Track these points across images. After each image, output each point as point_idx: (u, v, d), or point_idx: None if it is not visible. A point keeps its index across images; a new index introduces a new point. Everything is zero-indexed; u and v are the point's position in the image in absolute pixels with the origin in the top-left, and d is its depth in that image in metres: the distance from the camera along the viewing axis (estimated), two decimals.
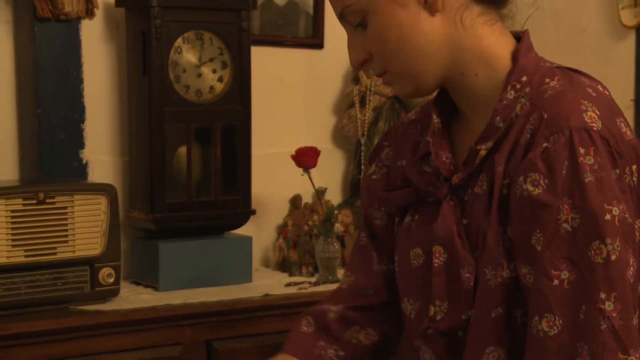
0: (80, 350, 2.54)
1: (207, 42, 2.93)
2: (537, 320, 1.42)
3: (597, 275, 1.39)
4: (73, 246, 2.64)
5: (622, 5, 3.03)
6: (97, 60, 3.02)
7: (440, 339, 1.58)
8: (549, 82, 1.51)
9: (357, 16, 1.54)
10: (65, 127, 2.96)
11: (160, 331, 2.65)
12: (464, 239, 1.54)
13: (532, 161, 1.44)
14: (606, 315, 1.38)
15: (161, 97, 2.85)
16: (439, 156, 1.59)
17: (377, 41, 1.55)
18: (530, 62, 1.55)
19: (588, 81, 1.53)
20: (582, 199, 1.41)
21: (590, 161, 1.41)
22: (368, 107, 3.28)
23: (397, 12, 1.52)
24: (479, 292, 1.51)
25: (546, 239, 1.42)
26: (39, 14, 2.86)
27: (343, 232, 3.16)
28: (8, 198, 2.55)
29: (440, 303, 1.55)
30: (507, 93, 1.53)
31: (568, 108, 1.46)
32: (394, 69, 1.57)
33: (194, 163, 2.95)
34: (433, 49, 1.54)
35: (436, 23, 1.53)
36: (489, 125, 1.53)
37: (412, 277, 1.63)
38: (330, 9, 3.48)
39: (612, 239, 1.39)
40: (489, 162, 1.52)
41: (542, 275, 1.42)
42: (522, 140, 1.48)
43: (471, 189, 1.55)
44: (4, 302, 2.54)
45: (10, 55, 2.99)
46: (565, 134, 1.43)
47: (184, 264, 2.88)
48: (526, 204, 1.44)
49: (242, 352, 2.73)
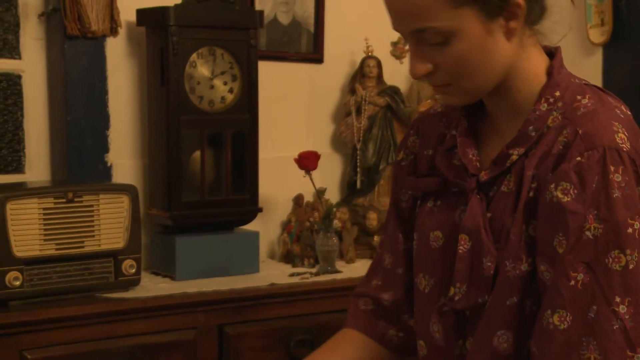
0: (105, 333, 2.54)
1: (219, 57, 2.93)
2: (550, 313, 1.42)
3: (614, 281, 1.40)
4: (99, 240, 2.64)
5: (590, 24, 3.06)
6: (121, 73, 3.01)
7: (450, 316, 1.58)
8: (581, 99, 1.51)
9: (438, 36, 1.49)
10: (92, 133, 2.96)
11: (176, 317, 2.65)
12: (488, 231, 1.54)
13: (566, 171, 1.44)
14: (619, 316, 1.39)
15: (178, 106, 2.86)
16: (466, 154, 1.59)
17: (458, 61, 1.51)
18: (563, 78, 1.54)
19: (615, 102, 1.54)
20: (609, 212, 1.41)
21: (618, 178, 1.42)
22: (363, 116, 3.27)
23: (483, 38, 1.49)
24: (498, 281, 1.51)
25: (569, 243, 1.42)
26: (68, 32, 2.85)
27: (341, 227, 3.15)
28: (41, 197, 2.55)
29: (460, 286, 1.55)
30: (541, 105, 1.52)
31: (602, 127, 1.46)
32: (463, 84, 1.55)
33: (207, 166, 2.95)
34: (501, 68, 1.53)
35: (509, 47, 1.52)
36: (522, 132, 1.52)
37: (430, 257, 1.63)
38: (329, 28, 3.51)
39: (631, 250, 1.40)
40: (517, 166, 1.53)
41: (561, 275, 1.42)
42: (554, 150, 1.48)
43: (497, 187, 1.55)
44: (37, 291, 2.54)
45: (43, 69, 2.99)
46: (599, 152, 1.43)
47: (198, 257, 2.88)
48: (555, 209, 1.44)
49: (251, 335, 2.72)
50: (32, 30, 2.96)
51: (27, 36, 2.96)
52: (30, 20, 2.96)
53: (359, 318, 1.79)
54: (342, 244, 3.13)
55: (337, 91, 3.39)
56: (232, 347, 2.69)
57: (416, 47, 1.53)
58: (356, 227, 3.24)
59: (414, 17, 1.48)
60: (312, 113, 3.37)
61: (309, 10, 3.32)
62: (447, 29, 1.48)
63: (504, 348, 1.50)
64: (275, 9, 3.27)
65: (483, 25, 1.48)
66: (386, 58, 3.28)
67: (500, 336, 1.50)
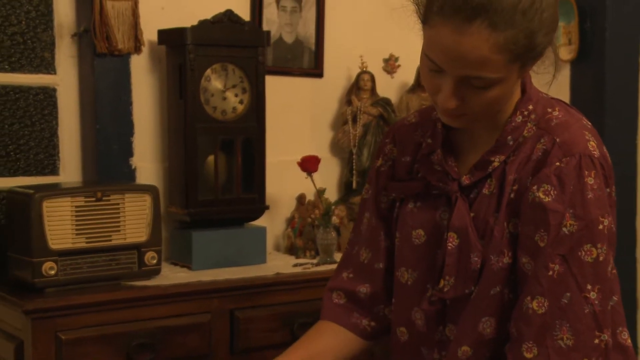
0: (129, 317, 2.54)
1: (231, 72, 2.93)
2: (529, 300, 1.43)
3: (585, 271, 1.42)
4: (124, 234, 2.63)
5: (559, 43, 3.04)
6: (143, 87, 3.01)
7: (435, 305, 1.58)
8: (551, 111, 1.51)
9: (484, 82, 1.41)
10: (118, 139, 2.96)
11: (193, 302, 2.64)
12: (473, 229, 1.53)
13: (547, 175, 1.45)
14: (590, 302, 1.41)
15: (194, 116, 2.86)
16: (446, 161, 1.58)
17: (491, 103, 1.46)
18: (534, 93, 1.54)
19: (578, 114, 1.55)
20: (583, 211, 1.43)
21: (591, 181, 1.44)
22: (358, 124, 3.27)
23: (515, 84, 1.47)
24: (484, 273, 1.51)
25: (550, 238, 1.43)
26: (98, 50, 2.85)
27: (338, 223, 3.15)
28: (73, 196, 2.55)
29: (449, 278, 1.54)
30: (516, 117, 1.51)
31: (576, 137, 1.47)
32: (477, 116, 1.49)
33: (220, 168, 2.94)
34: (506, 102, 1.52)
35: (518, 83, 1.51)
36: (500, 142, 1.51)
37: (413, 253, 1.62)
38: (328, 46, 3.53)
39: (601, 244, 1.43)
40: (498, 171, 1.52)
41: (542, 266, 1.43)
42: (534, 157, 1.48)
43: (478, 190, 1.54)
44: (70, 279, 2.54)
45: (75, 83, 2.97)
46: (576, 158, 1.44)
47: (212, 249, 2.88)
48: (537, 208, 1.45)
49: (259, 319, 2.71)
50: (65, 49, 2.95)
51: (62, 54, 2.95)
52: (64, 39, 2.95)
53: (333, 310, 1.75)
54: (339, 237, 3.12)
55: (335, 102, 3.39)
56: (242, 329, 2.68)
57: (457, 85, 1.44)
58: (352, 223, 3.15)
59: (472, 65, 1.39)
60: (313, 121, 3.36)
61: (310, 31, 3.31)
62: (496, 79, 1.41)
63: (487, 333, 1.51)
64: (281, 30, 3.25)
65: (518, 74, 1.45)
66: (379, 73, 3.29)
67: (484, 322, 1.51)
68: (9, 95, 2.89)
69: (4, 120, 2.88)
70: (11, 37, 2.88)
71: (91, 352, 2.46)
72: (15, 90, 2.90)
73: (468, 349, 1.52)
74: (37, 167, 2.94)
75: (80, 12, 2.93)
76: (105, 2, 2.83)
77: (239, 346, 2.68)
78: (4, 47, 2.87)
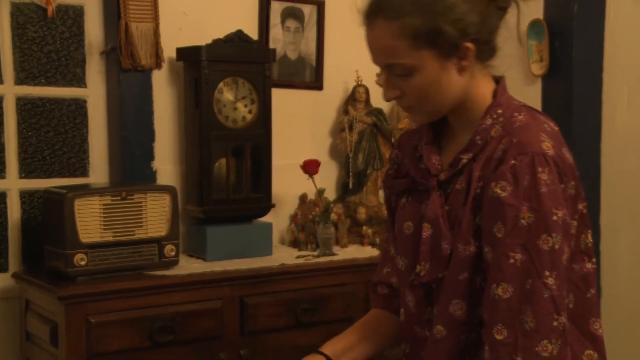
0: (151, 303, 2.54)
1: (241, 85, 2.92)
2: (495, 286, 1.41)
3: (543, 258, 1.39)
4: (146, 229, 2.63)
5: (532, 60, 3.03)
6: (163, 98, 3.01)
7: (420, 288, 1.57)
8: (517, 115, 1.49)
9: (404, 70, 1.49)
10: (141, 145, 2.97)
11: (206, 290, 2.63)
12: (445, 220, 1.52)
13: (503, 172, 1.43)
14: (548, 287, 1.39)
15: (208, 124, 2.85)
16: (430, 159, 1.57)
17: (419, 89, 1.50)
18: (505, 100, 1.53)
19: (545, 119, 1.52)
20: (538, 204, 1.40)
21: (545, 177, 1.41)
22: (354, 131, 3.25)
23: (439, 73, 1.49)
24: (452, 260, 1.50)
25: (507, 229, 1.41)
26: (123, 66, 2.87)
27: (336, 219, 3.14)
28: (101, 195, 2.55)
29: (425, 264, 1.54)
30: (486, 120, 1.51)
31: (531, 137, 1.45)
32: (423, 107, 1.54)
33: (231, 171, 2.94)
34: (454, 95, 1.52)
35: (461, 80, 1.51)
36: (471, 141, 1.51)
37: (405, 242, 1.61)
38: (328, 62, 3.53)
39: (556, 234, 1.40)
40: (468, 168, 1.51)
41: (501, 255, 1.41)
42: (495, 156, 1.46)
43: (453, 185, 1.53)
44: (98, 269, 2.55)
45: (103, 95, 2.99)
46: (529, 156, 1.42)
47: (224, 242, 2.87)
48: (495, 202, 1.43)
49: (265, 304, 2.71)
50: (95, 65, 2.97)
51: (91, 70, 2.97)
52: (94, 57, 2.97)
53: (379, 300, 1.77)
54: (337, 232, 3.12)
55: (333, 112, 3.38)
56: (251, 314, 2.68)
57: (388, 77, 1.53)
58: (349, 219, 3.22)
59: (385, 54, 1.50)
60: (314, 129, 3.36)
61: (311, 49, 3.30)
62: (410, 65, 1.48)
63: (458, 315, 1.49)
64: (285, 48, 3.25)
65: (439, 63, 1.48)
66: (372, 85, 3.25)
67: (455, 304, 1.49)
68: (45, 107, 2.91)
69: (40, 129, 2.89)
70: (47, 55, 2.90)
71: (117, 334, 2.47)
72: (51, 102, 2.92)
73: (442, 328, 1.51)
74: (70, 170, 2.95)
75: (108, 33, 2.95)
76: (130, 24, 2.84)
77: (248, 329, 2.67)
78: (41, 63, 2.89)
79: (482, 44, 1.50)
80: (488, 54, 1.53)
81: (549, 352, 1.38)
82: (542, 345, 1.38)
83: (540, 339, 1.38)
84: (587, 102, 2.99)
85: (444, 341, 1.51)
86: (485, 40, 1.51)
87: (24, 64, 2.87)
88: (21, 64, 2.86)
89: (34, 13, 2.86)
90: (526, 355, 1.38)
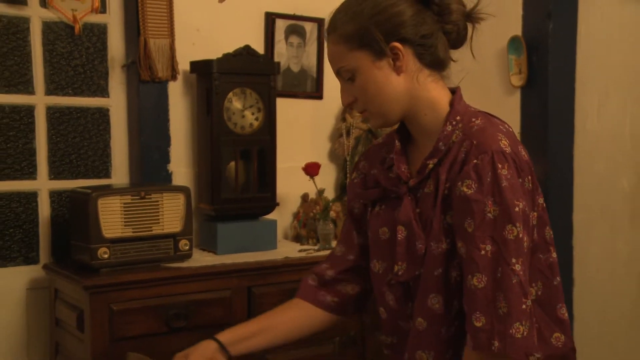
0: (167, 292, 2.53)
1: (248, 95, 2.91)
2: (470, 277, 1.40)
3: (510, 247, 1.38)
4: (162, 226, 2.62)
5: (511, 73, 3.02)
6: (178, 107, 3.01)
7: (399, 287, 1.56)
8: (475, 120, 1.48)
9: (348, 73, 1.51)
10: (158, 150, 2.97)
11: (217, 280, 2.62)
12: (418, 222, 1.50)
13: (467, 172, 1.42)
14: (516, 273, 1.38)
15: (218, 130, 2.85)
16: (400, 167, 1.55)
17: (361, 91, 1.51)
18: (462, 107, 1.52)
19: (499, 122, 1.51)
20: (501, 198, 1.39)
21: (505, 172, 1.40)
22: (351, 137, 3.26)
23: (375, 72, 1.49)
24: (427, 258, 1.49)
25: (476, 223, 1.40)
26: (142, 78, 2.86)
27: (335, 217, 3.15)
28: (122, 195, 2.55)
29: (401, 263, 1.52)
30: (447, 127, 1.49)
31: (489, 138, 1.43)
32: (371, 109, 1.53)
33: (239, 172, 2.93)
34: (398, 97, 1.50)
35: (401, 80, 1.49)
36: (435, 148, 1.50)
37: (381, 247, 1.59)
38: (327, 75, 3.50)
39: (519, 223, 1.39)
40: (434, 172, 1.49)
41: (474, 248, 1.40)
42: (458, 158, 1.45)
43: (422, 189, 1.51)
44: (120, 261, 2.54)
45: (124, 104, 2.99)
46: (489, 155, 1.41)
47: (233, 237, 2.87)
48: (463, 200, 1.42)
49: (271, 294, 2.69)
50: (116, 77, 2.97)
51: (113, 81, 2.97)
52: (116, 70, 2.97)
53: (304, 290, 1.73)
54: (336, 228, 3.11)
55: (332, 119, 3.38)
56: (257, 303, 2.67)
57: (341, 84, 1.55)
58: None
59: (333, 62, 1.53)
60: (314, 135, 3.36)
61: (312, 62, 3.31)
62: (350, 67, 1.49)
63: (436, 308, 1.48)
64: (289, 61, 3.25)
65: (373, 63, 1.48)
66: None
67: (432, 298, 1.49)
68: (72, 115, 2.91)
69: (67, 135, 2.90)
70: (74, 69, 2.91)
71: (137, 320, 2.47)
72: (77, 111, 2.92)
73: (422, 320, 1.50)
74: (94, 172, 2.96)
75: (129, 48, 2.95)
76: (148, 40, 2.85)
77: (255, 316, 2.54)
78: (69, 76, 2.90)
79: (416, 46, 1.49)
80: (430, 59, 1.51)
81: (521, 333, 1.37)
82: (514, 328, 1.37)
83: (513, 322, 1.37)
84: (562, 110, 2.98)
85: (426, 334, 1.50)
86: (418, 43, 1.49)
87: (53, 76, 2.87)
88: (51, 77, 2.87)
89: (63, 31, 2.88)
90: (502, 338, 1.37)
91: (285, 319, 1.70)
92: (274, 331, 1.68)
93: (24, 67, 2.82)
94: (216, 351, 1.61)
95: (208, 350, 1.61)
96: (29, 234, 2.85)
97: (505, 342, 1.36)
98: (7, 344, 2.81)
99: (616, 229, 3.10)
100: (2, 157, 2.80)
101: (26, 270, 2.82)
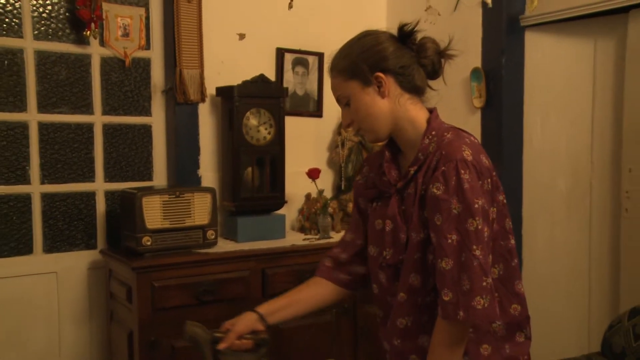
0: (197, 272, 2.52)
1: (262, 114, 2.89)
2: (440, 261, 1.39)
3: (471, 237, 1.36)
4: (193, 219, 2.61)
5: (474, 96, 2.99)
6: (206, 124, 3.00)
7: (388, 269, 1.54)
8: (446, 134, 1.46)
9: (345, 99, 1.50)
10: (190, 158, 2.96)
11: (237, 263, 2.61)
12: (402, 216, 1.49)
13: (437, 176, 1.40)
14: (477, 257, 1.36)
15: (238, 142, 2.83)
16: (390, 173, 1.53)
17: (355, 113, 1.49)
18: (437, 124, 1.50)
19: (467, 135, 1.49)
20: (463, 196, 1.38)
21: (466, 176, 1.38)
22: (345, 148, 3.26)
23: (364, 97, 1.47)
24: (408, 245, 1.47)
25: (444, 218, 1.38)
26: (178, 100, 2.87)
27: (332, 212, 3.14)
28: (161, 194, 2.55)
29: (389, 249, 1.51)
30: (425, 140, 1.48)
31: (455, 149, 1.41)
32: (364, 127, 1.51)
33: (255, 176, 2.92)
34: (384, 116, 1.48)
35: (385, 103, 1.48)
36: (415, 157, 1.48)
37: (376, 235, 1.57)
38: (326, 98, 3.40)
39: (479, 217, 1.37)
40: (415, 177, 1.47)
41: (442, 237, 1.38)
42: (431, 165, 1.43)
43: (406, 190, 1.49)
44: (159, 247, 2.54)
45: (163, 122, 2.98)
46: (454, 163, 1.40)
47: (250, 229, 2.85)
48: (433, 199, 1.41)
49: (281, 274, 2.68)
50: (157, 100, 2.98)
51: (155, 103, 2.98)
52: (157, 94, 2.99)
53: (323, 270, 1.70)
54: (333, 221, 3.12)
55: (330, 133, 3.37)
56: (270, 281, 2.66)
57: (342, 110, 1.53)
58: (342, 212, 3.21)
59: (333, 90, 1.52)
60: (316, 146, 3.34)
61: (314, 87, 3.30)
62: (345, 94, 1.49)
63: (415, 284, 1.48)
64: (295, 87, 3.24)
65: (363, 90, 1.47)
66: None
67: (412, 277, 1.48)
68: (122, 130, 2.94)
69: (119, 146, 2.94)
70: (125, 94, 2.94)
71: (174, 295, 2.47)
72: (126, 127, 2.95)
73: (404, 294, 1.50)
74: (139, 175, 2.98)
75: (167, 77, 2.97)
76: (182, 70, 2.87)
77: (268, 292, 2.65)
78: (120, 100, 2.93)
79: (396, 75, 1.47)
80: (409, 86, 1.49)
81: (482, 305, 1.36)
82: (476, 301, 1.36)
83: (474, 296, 1.36)
84: (512, 128, 2.96)
85: (406, 303, 1.49)
86: (398, 73, 1.48)
87: (109, 99, 2.89)
88: (106, 100, 2.88)
89: (116, 64, 2.90)
90: (465, 309, 1.36)
91: (311, 293, 1.67)
92: (301, 304, 1.66)
93: (86, 93, 2.84)
94: (257, 321, 1.60)
95: (250, 319, 1.60)
96: (89, 225, 2.87)
97: (468, 313, 1.36)
98: (73, 312, 2.84)
99: (555, 222, 3.09)
100: (68, 164, 2.82)
101: (87, 254, 2.86)
